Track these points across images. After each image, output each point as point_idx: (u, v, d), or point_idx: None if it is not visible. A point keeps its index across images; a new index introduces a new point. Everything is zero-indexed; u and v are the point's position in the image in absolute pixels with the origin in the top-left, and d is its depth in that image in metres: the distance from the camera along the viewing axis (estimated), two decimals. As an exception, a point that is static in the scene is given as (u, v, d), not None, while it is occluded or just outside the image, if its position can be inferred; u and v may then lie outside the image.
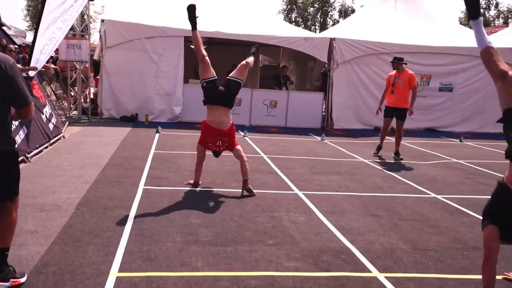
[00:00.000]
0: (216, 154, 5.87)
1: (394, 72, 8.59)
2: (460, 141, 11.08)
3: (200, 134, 5.70)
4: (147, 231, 4.10)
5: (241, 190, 5.50)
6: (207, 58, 5.59)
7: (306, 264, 3.60)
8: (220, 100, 5.55)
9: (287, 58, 17.38)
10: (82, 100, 12.13)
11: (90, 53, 11.68)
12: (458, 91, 13.09)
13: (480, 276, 3.50)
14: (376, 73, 12.72)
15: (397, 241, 4.20)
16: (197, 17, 5.61)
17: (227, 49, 14.77)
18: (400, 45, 12.62)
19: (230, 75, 5.83)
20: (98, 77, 12.14)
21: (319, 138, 10.55)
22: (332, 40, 12.34)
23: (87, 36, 11.56)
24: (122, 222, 4.28)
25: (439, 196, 5.88)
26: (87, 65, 11.70)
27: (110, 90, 11.64)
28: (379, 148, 8.73)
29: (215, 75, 5.67)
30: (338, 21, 44.59)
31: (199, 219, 4.53)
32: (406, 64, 8.65)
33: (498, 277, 3.56)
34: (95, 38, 22.91)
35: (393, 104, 8.49)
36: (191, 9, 5.60)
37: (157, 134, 9.65)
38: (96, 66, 12.69)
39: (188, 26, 5.65)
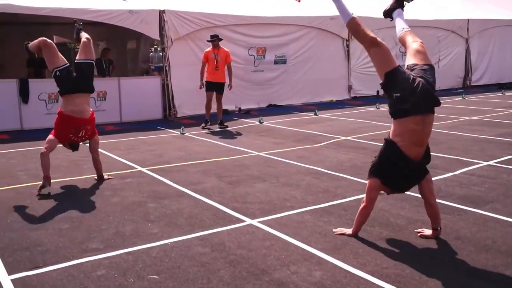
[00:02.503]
0: (75, 147, 5.39)
1: (210, 48, 9.17)
2: (315, 114, 10.68)
3: (54, 128, 5.14)
4: None
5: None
6: (50, 41, 5.18)
7: None
8: (80, 86, 5.21)
9: (94, 38, 14.53)
10: None
11: None
12: (291, 63, 12.74)
13: None
14: (213, 49, 11.35)
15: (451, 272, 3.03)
16: None
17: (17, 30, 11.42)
18: (235, 17, 11.50)
19: (77, 58, 5.41)
20: None
21: (177, 132, 8.73)
22: (161, 12, 10.39)
23: None
24: None
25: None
26: None
27: None
28: (207, 122, 9.15)
29: (66, 61, 5.31)
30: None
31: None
32: (222, 40, 9.31)
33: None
34: None
35: (215, 79, 9.07)
36: None
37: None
38: None
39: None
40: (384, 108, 11.37)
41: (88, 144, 5.56)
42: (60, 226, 4.00)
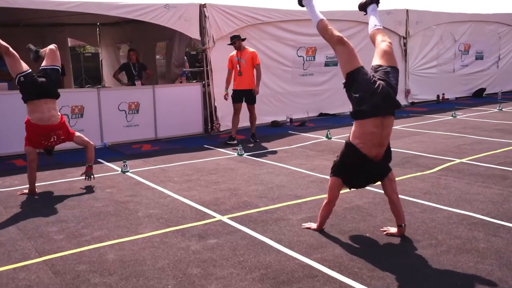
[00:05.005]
0: (49, 152, 5.34)
1: (235, 52, 7.97)
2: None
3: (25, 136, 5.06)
4: None
5: None
6: (12, 51, 4.95)
7: None
8: (46, 92, 5.06)
9: (111, 41, 12.84)
10: None
11: None
12: (343, 64, 11.02)
13: None
14: (259, 50, 9.59)
15: None
16: None
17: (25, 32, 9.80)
18: (283, 11, 9.80)
19: (42, 64, 5.25)
20: None
21: (232, 153, 7.02)
22: (202, 6, 8.69)
23: None
24: None
25: None
26: None
27: None
28: (232, 139, 7.78)
29: (28, 67, 5.11)
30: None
31: None
32: (244, 39, 8.05)
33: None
34: None
35: (241, 86, 7.85)
36: None
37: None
38: None
39: None
40: (463, 116, 9.69)
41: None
42: None
